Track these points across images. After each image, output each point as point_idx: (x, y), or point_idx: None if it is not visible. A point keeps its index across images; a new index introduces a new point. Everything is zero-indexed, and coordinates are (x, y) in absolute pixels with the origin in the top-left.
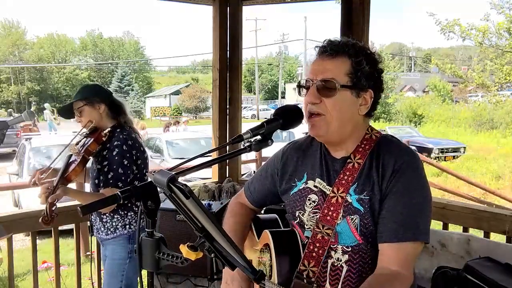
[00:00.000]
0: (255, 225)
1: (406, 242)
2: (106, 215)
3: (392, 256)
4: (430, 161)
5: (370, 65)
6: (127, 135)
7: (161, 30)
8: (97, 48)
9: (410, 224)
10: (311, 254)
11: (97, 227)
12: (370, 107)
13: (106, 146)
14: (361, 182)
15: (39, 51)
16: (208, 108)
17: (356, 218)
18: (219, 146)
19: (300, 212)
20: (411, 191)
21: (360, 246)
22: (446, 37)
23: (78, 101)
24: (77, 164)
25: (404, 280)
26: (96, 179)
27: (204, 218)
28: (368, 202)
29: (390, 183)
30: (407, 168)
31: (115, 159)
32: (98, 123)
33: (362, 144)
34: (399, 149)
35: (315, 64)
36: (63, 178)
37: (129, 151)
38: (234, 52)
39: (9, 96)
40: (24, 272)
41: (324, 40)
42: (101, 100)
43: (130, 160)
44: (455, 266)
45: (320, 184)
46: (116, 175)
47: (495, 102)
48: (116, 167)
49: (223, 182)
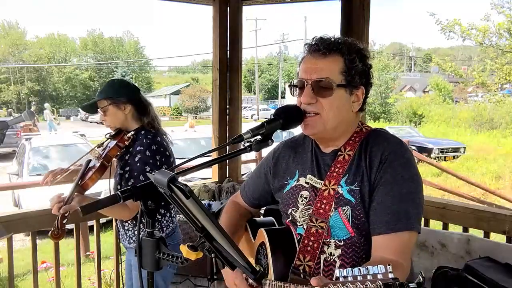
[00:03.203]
0: (251, 228)
1: (398, 232)
2: (128, 223)
3: (387, 246)
4: (430, 161)
5: (362, 62)
6: (152, 139)
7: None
8: (97, 48)
9: (401, 214)
10: (306, 249)
11: (122, 234)
12: (361, 103)
13: (129, 150)
14: (351, 173)
15: (39, 51)
16: (208, 108)
17: (347, 209)
18: (219, 146)
19: (293, 209)
20: (400, 181)
21: (353, 239)
22: (447, 37)
23: (103, 100)
24: (95, 171)
25: (400, 268)
26: (118, 184)
27: (204, 218)
28: (359, 192)
29: (378, 174)
30: (394, 158)
31: (137, 165)
32: (122, 125)
33: (352, 137)
34: (386, 139)
35: (308, 63)
36: (79, 186)
37: (153, 156)
38: (234, 52)
39: (9, 96)
40: (24, 272)
41: (313, 38)
42: (127, 100)
43: (153, 167)
44: (455, 266)
45: (311, 180)
46: (137, 183)
47: (495, 102)
48: (137, 174)
49: (223, 182)
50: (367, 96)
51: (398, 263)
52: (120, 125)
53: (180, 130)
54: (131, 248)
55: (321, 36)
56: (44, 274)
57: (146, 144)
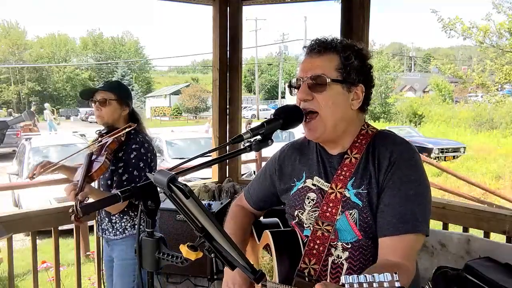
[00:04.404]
0: (256, 229)
1: (406, 234)
2: (116, 216)
3: (393, 248)
4: (430, 161)
5: (359, 60)
6: (144, 138)
7: (161, 30)
8: (97, 48)
9: (409, 216)
10: (312, 252)
11: (105, 228)
12: (362, 102)
13: (122, 148)
14: (358, 177)
15: (40, 51)
16: (208, 108)
17: (355, 212)
18: (219, 146)
19: (299, 211)
20: (408, 183)
21: (360, 242)
22: (448, 35)
23: (112, 93)
24: (103, 163)
25: (406, 271)
26: (109, 180)
27: (204, 218)
28: (366, 195)
29: (386, 176)
30: (402, 160)
31: (132, 161)
32: (114, 122)
33: (358, 140)
34: (394, 141)
35: (305, 62)
36: (87, 176)
37: (146, 154)
38: (234, 52)
39: (9, 96)
40: (24, 272)
41: (312, 40)
42: (128, 104)
43: (145, 163)
44: (455, 266)
45: (318, 182)
46: (131, 177)
47: (495, 102)
48: (131, 169)
49: (223, 182)
50: (369, 96)
51: (403, 266)
52: (112, 121)
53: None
54: (116, 240)
55: (318, 37)
56: (44, 274)
57: (141, 142)
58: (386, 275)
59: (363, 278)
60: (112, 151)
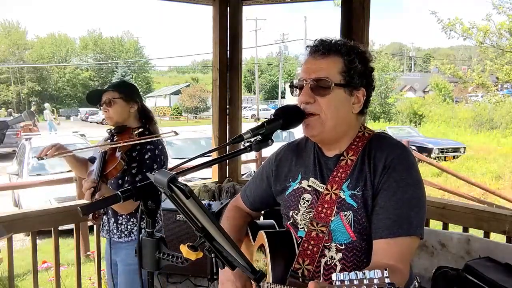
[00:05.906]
0: (251, 230)
1: (400, 237)
2: (123, 217)
3: (387, 251)
4: (430, 161)
5: (362, 63)
6: (159, 140)
7: (161, 30)
8: (97, 48)
9: (404, 219)
10: (306, 252)
11: (109, 229)
12: (362, 105)
13: (135, 147)
14: (354, 178)
15: (40, 51)
16: (208, 108)
17: (349, 214)
18: (219, 146)
19: (294, 212)
20: (403, 186)
21: (354, 243)
22: (447, 36)
23: (113, 92)
24: (119, 162)
25: (399, 274)
26: (120, 179)
27: (204, 218)
28: (361, 197)
29: (382, 179)
30: (398, 163)
31: (146, 162)
32: (123, 120)
33: (355, 142)
34: (390, 145)
35: (308, 63)
36: (103, 175)
37: (160, 156)
38: (234, 52)
39: (9, 96)
40: (24, 272)
41: (315, 40)
42: (136, 100)
43: (159, 165)
44: (455, 266)
45: (313, 183)
46: (144, 178)
47: (495, 102)
48: (145, 170)
49: (223, 182)
50: (368, 99)
51: (397, 268)
52: (122, 120)
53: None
54: (120, 243)
55: (322, 38)
56: (44, 274)
57: (156, 144)
58: (377, 272)
59: (354, 275)
60: (126, 150)
